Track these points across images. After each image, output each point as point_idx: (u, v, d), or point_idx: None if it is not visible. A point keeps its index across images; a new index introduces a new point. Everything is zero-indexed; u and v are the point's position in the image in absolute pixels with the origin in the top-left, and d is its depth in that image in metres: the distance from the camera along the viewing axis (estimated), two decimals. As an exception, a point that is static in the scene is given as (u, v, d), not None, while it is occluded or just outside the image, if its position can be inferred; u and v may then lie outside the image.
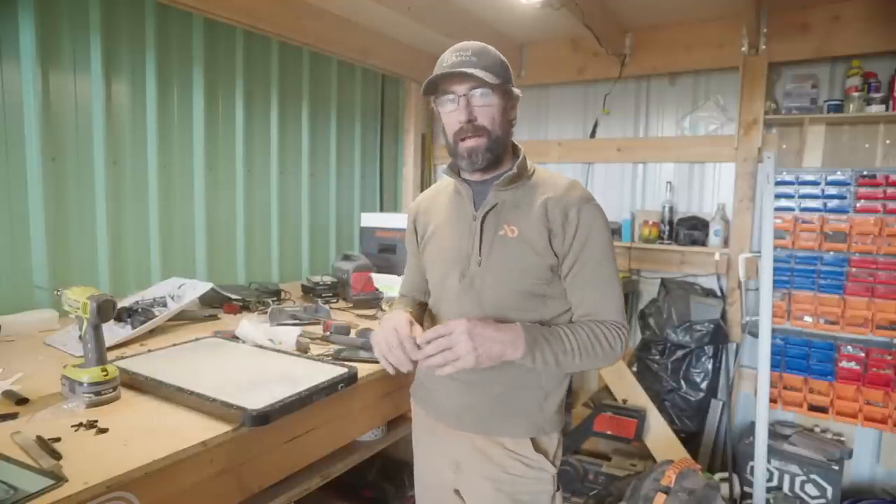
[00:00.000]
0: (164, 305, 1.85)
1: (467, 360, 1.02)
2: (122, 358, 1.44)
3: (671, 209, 2.99)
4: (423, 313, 1.35)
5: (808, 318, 2.33)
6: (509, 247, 1.15)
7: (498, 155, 1.16)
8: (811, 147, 2.66)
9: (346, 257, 2.62)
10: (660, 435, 2.67)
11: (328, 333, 1.75)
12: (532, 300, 1.16)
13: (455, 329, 1.03)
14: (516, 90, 1.18)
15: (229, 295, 2.16)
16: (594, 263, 1.14)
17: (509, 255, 1.15)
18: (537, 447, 1.20)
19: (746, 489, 2.50)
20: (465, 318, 1.05)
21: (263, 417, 1.13)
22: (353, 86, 3.23)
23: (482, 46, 1.15)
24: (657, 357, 2.82)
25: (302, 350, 1.61)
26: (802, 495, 2.38)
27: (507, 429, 1.20)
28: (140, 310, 1.78)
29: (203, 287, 1.91)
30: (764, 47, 2.64)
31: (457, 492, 1.29)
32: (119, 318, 1.71)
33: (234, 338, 1.69)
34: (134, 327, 1.69)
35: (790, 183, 2.35)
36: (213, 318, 2.01)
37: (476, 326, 1.04)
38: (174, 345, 1.59)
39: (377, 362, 1.55)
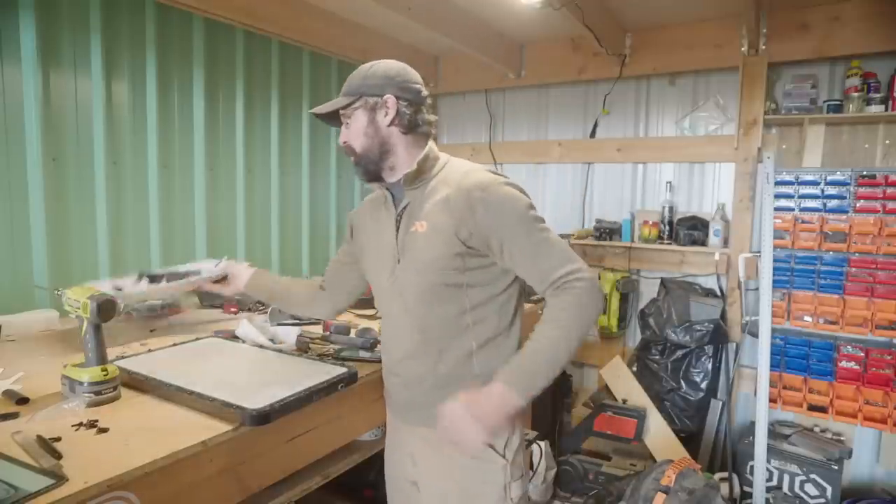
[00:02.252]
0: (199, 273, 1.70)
1: (476, 443, 1.08)
2: (123, 357, 1.44)
3: (671, 209, 2.99)
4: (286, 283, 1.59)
5: (807, 318, 2.33)
6: (419, 241, 1.19)
7: (367, 166, 1.23)
8: (811, 147, 2.66)
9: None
10: (660, 435, 2.67)
11: (328, 333, 1.75)
12: (449, 291, 1.18)
13: (451, 417, 1.08)
14: (384, 96, 1.18)
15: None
16: (519, 237, 1.14)
17: (420, 249, 1.19)
18: None
19: (746, 489, 2.50)
20: (453, 405, 1.08)
21: (263, 417, 1.14)
22: (353, 86, 3.23)
23: (358, 70, 1.24)
24: (657, 357, 2.82)
25: (302, 350, 1.61)
26: (802, 495, 2.38)
27: None
28: (172, 273, 1.64)
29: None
30: (764, 47, 2.64)
31: (415, 483, 1.32)
32: (153, 280, 1.60)
33: (234, 338, 1.70)
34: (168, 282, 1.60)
35: (790, 183, 2.35)
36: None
37: (467, 412, 1.07)
38: (174, 344, 1.59)
39: (377, 362, 1.57)
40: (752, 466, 2.44)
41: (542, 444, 2.49)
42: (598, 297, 1.12)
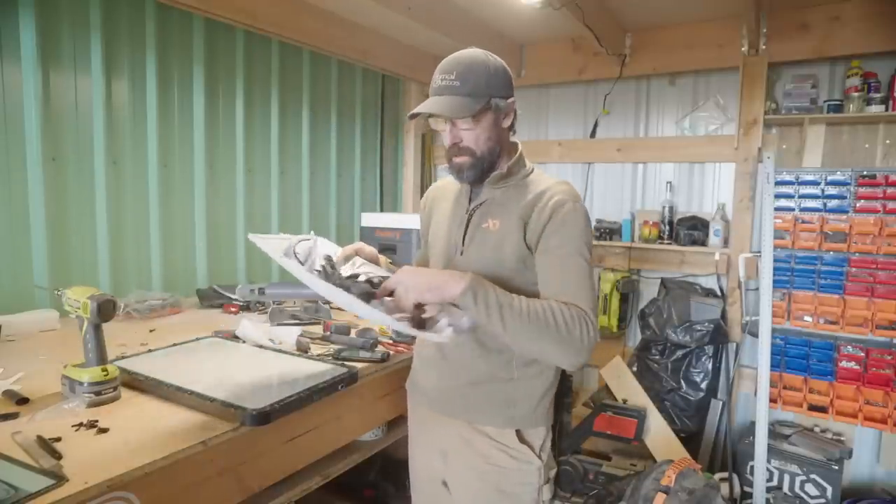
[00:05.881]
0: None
1: (404, 296, 1.05)
2: (123, 357, 1.44)
3: (671, 209, 2.99)
4: None
5: (808, 318, 2.33)
6: (488, 239, 1.19)
7: (484, 168, 1.20)
8: (811, 147, 2.66)
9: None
10: (660, 435, 2.67)
11: (328, 333, 1.75)
12: (504, 287, 1.17)
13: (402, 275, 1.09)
14: (509, 100, 1.18)
15: (229, 295, 2.16)
16: (563, 254, 1.11)
17: (487, 246, 1.19)
18: (521, 439, 1.21)
19: (746, 489, 2.50)
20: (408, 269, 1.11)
21: (263, 417, 1.14)
22: (353, 85, 3.23)
23: (469, 63, 1.13)
24: (657, 357, 2.82)
25: (302, 350, 1.61)
26: (802, 495, 2.38)
27: (487, 418, 1.22)
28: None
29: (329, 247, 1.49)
30: (764, 47, 2.64)
31: (445, 483, 1.31)
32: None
33: (234, 338, 1.69)
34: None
35: (790, 183, 2.35)
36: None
37: (410, 268, 1.11)
38: (174, 344, 1.59)
39: (377, 362, 1.57)
40: (752, 466, 2.44)
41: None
42: (582, 345, 1.03)
